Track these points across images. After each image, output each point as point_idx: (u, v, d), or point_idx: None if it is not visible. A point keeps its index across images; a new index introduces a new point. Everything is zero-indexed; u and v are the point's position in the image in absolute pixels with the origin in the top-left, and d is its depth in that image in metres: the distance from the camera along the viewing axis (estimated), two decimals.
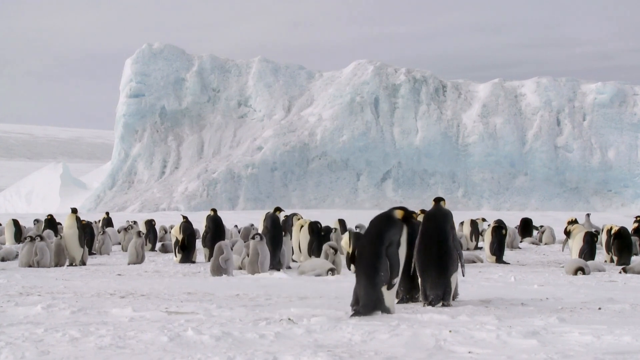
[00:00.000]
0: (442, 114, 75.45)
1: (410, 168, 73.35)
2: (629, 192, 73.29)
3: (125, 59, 78.19)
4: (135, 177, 73.53)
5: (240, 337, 7.54)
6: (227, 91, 77.97)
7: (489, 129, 74.41)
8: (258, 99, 77.81)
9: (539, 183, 73.23)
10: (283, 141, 72.26)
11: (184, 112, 76.40)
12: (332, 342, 7.34)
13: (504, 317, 8.77)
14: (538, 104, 75.92)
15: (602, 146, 74.58)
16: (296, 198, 70.07)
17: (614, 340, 7.29)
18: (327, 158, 72.51)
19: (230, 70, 79.15)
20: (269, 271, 15.33)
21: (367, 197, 71.68)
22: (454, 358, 6.68)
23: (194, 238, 19.31)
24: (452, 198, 69.79)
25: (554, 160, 73.98)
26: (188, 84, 77.06)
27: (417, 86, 76.54)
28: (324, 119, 74.06)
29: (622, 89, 76.63)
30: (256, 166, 70.47)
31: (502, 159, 73.82)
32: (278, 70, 79.30)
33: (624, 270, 15.42)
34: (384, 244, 8.98)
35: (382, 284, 8.96)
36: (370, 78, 76.30)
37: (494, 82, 78.14)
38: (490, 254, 19.48)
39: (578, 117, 75.66)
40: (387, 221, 9.13)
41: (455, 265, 10.00)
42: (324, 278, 14.34)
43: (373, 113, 74.69)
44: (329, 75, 79.89)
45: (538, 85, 77.19)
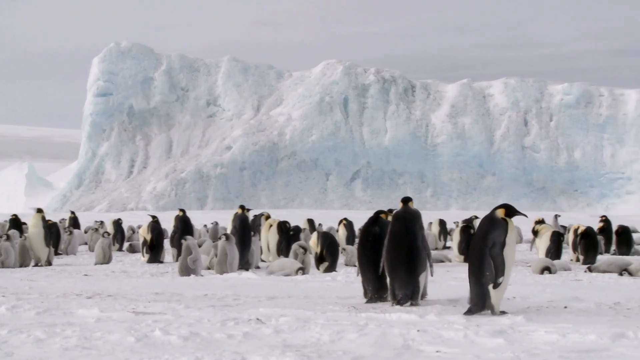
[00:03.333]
0: (411, 114, 75.76)
1: (380, 168, 73.56)
2: (594, 192, 74.12)
3: (93, 58, 77.54)
4: (103, 177, 72.95)
5: (208, 338, 7.50)
6: (196, 90, 77.64)
7: (457, 129, 74.86)
8: (227, 99, 77.57)
9: (506, 183, 73.80)
10: (252, 141, 72.10)
11: (152, 112, 75.93)
12: (300, 342, 7.33)
13: (472, 316, 8.82)
14: (506, 105, 76.53)
15: (569, 146, 75.35)
16: (265, 198, 69.96)
17: (579, 338, 7.36)
18: (296, 158, 72.49)
19: (199, 70, 78.82)
20: (238, 271, 15.27)
21: (336, 196, 71.76)
22: (422, 357, 6.71)
23: (162, 238, 19.19)
24: (421, 198, 70.11)
25: (522, 160, 74.60)
26: (156, 83, 76.61)
27: (386, 86, 76.78)
28: (293, 119, 74.03)
29: (588, 90, 77.48)
30: (225, 166, 70.25)
31: (471, 159, 74.30)
32: (247, 70, 79.13)
33: (590, 270, 15.58)
34: (488, 245, 9.21)
35: (488, 284, 9.18)
36: (340, 78, 76.39)
37: (463, 83, 78.62)
38: (458, 254, 19.58)
39: (545, 118, 76.38)
40: (491, 222, 9.37)
41: (423, 265, 10.04)
42: (293, 278, 14.33)
43: (342, 113, 74.79)
44: (298, 75, 79.87)
45: (506, 85, 77.80)
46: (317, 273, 15.54)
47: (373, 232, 10.51)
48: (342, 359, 6.63)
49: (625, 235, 22.51)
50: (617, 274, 15.00)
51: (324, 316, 8.85)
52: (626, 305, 9.99)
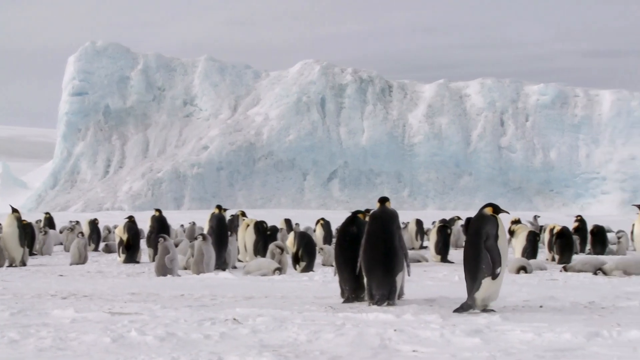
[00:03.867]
0: (388, 114, 75.94)
1: (357, 168, 73.67)
2: (570, 192, 74.68)
3: (68, 57, 77.04)
4: (78, 177, 72.47)
5: (184, 338, 7.47)
6: (173, 90, 77.35)
7: (434, 129, 75.14)
8: (204, 98, 77.36)
9: (483, 183, 74.17)
10: (229, 140, 71.95)
11: (129, 111, 75.56)
12: (277, 342, 7.32)
13: (448, 316, 8.84)
14: (482, 105, 76.93)
15: (544, 147, 75.87)
16: (242, 198, 69.83)
17: (555, 337, 7.41)
18: (273, 158, 72.42)
19: (175, 69, 78.53)
20: (215, 271, 15.23)
21: (314, 196, 71.77)
22: (399, 357, 6.72)
23: (139, 238, 19.10)
24: (398, 198, 70.30)
25: (498, 160, 75.01)
26: (133, 82, 76.24)
27: (363, 86, 76.91)
28: (270, 119, 73.96)
29: (563, 91, 78.05)
30: (202, 165, 70.04)
31: (447, 159, 74.60)
32: (224, 70, 78.95)
33: (565, 269, 15.68)
34: (482, 239, 9.42)
35: (484, 277, 9.36)
36: (317, 78, 76.42)
37: (439, 83, 78.93)
38: (435, 253, 19.65)
39: (521, 118, 76.86)
40: (481, 219, 9.60)
41: (400, 264, 10.05)
42: (270, 278, 14.31)
43: (319, 113, 74.82)
44: (276, 75, 79.81)
45: (482, 86, 78.21)
46: (295, 273, 15.53)
47: (350, 231, 10.51)
48: (319, 359, 6.63)
49: (600, 234, 22.69)
50: (592, 273, 15.11)
51: (301, 316, 8.84)
52: (601, 304, 10.07)
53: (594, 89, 79.17)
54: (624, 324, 8.17)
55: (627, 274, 14.81)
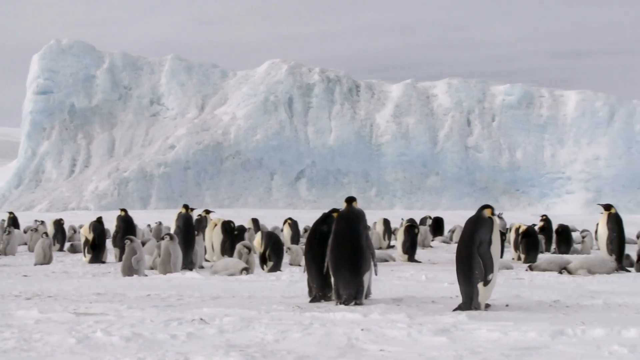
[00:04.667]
0: (356, 114, 76.10)
1: (324, 167, 73.72)
2: (535, 191, 75.38)
3: (32, 55, 76.18)
4: (43, 176, 71.70)
5: (151, 338, 7.41)
6: (139, 89, 76.84)
7: (401, 129, 75.43)
8: (171, 97, 76.94)
9: (450, 183, 74.61)
10: (196, 140, 71.63)
11: (94, 110, 74.92)
12: (244, 341, 7.30)
13: (415, 315, 8.88)
14: (449, 105, 77.38)
15: (511, 147, 76.50)
16: (209, 197, 69.56)
17: (520, 336, 7.47)
18: (240, 157, 72.23)
19: (142, 68, 78.01)
20: (181, 271, 15.15)
21: (281, 196, 71.71)
22: (366, 356, 6.73)
23: (104, 238, 18.95)
24: (366, 197, 70.48)
25: (465, 160, 75.49)
26: (98, 81, 75.60)
27: (330, 86, 76.99)
28: (237, 118, 73.76)
29: (529, 91, 78.76)
30: (169, 165, 69.66)
31: (415, 158, 74.93)
32: (191, 69, 78.60)
33: (530, 268, 15.83)
34: (475, 244, 9.48)
35: (477, 282, 9.44)
36: (284, 77, 76.36)
37: (407, 83, 79.25)
38: (402, 253, 19.72)
39: (487, 118, 77.43)
40: (477, 222, 9.65)
41: (367, 264, 10.07)
42: (237, 277, 14.27)
43: (287, 112, 74.77)
44: (243, 74, 79.62)
45: (449, 86, 78.66)
46: (262, 273, 15.51)
47: (321, 230, 10.50)
48: (286, 359, 6.62)
49: (565, 234, 22.94)
50: (557, 272, 15.26)
51: (268, 316, 8.82)
52: (565, 303, 10.17)
53: (559, 90, 80.00)
54: (588, 323, 8.26)
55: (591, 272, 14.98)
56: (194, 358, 6.56)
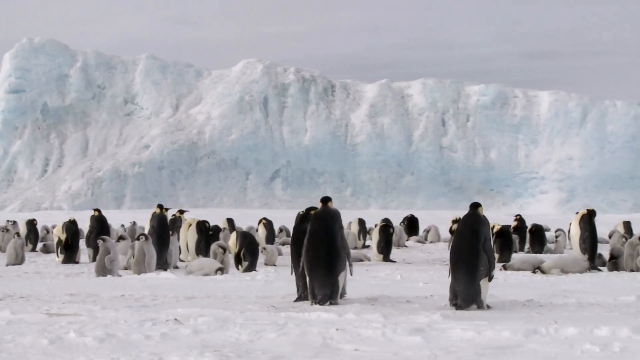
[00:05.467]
0: (331, 114, 76.17)
1: (299, 167, 73.72)
2: (509, 191, 75.86)
3: (4, 53, 75.53)
4: (15, 176, 71.05)
5: (125, 339, 7.36)
6: (113, 88, 76.40)
7: (376, 129, 75.61)
8: (145, 97, 76.58)
9: (424, 182, 74.90)
10: (171, 139, 71.35)
11: (68, 109, 74.38)
12: (219, 341, 7.27)
13: (390, 315, 8.89)
14: (424, 105, 77.68)
15: (485, 147, 76.94)
16: (184, 197, 69.31)
17: (494, 335, 7.50)
18: (215, 157, 72.05)
19: (116, 67, 77.58)
20: (156, 271, 15.07)
21: (256, 196, 71.61)
22: (341, 356, 6.73)
23: (78, 238, 18.80)
24: (341, 197, 70.57)
25: (439, 160, 75.83)
26: (72, 80, 75.08)
27: (306, 86, 77.01)
28: (212, 118, 73.57)
29: (503, 91, 79.25)
30: (143, 165, 69.32)
31: (390, 158, 75.15)
32: (166, 68, 78.28)
33: (504, 268, 15.91)
34: (480, 241, 9.58)
35: (482, 278, 9.54)
36: (260, 77, 76.27)
37: (382, 83, 79.45)
38: (377, 253, 19.74)
39: (462, 118, 77.83)
40: (477, 219, 9.73)
41: (343, 264, 10.08)
42: (212, 277, 14.22)
43: (262, 112, 74.69)
44: (218, 74, 79.43)
45: (424, 86, 78.97)
46: (237, 273, 15.46)
47: (304, 229, 10.50)
48: (261, 359, 6.61)
49: (539, 233, 23.07)
50: (530, 271, 15.36)
51: (243, 316, 8.80)
52: (539, 302, 10.24)
53: (533, 90, 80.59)
54: (561, 322, 8.32)
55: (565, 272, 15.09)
56: (168, 358, 6.53)
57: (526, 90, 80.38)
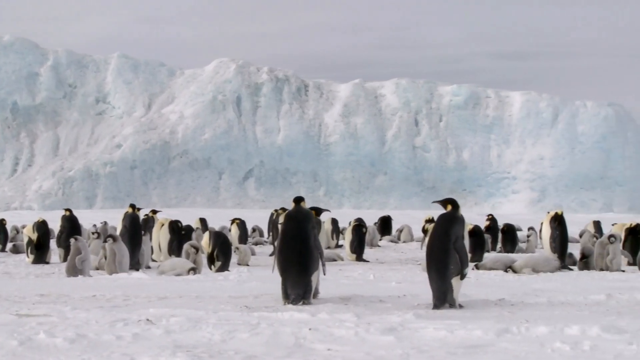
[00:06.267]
0: (304, 114, 76.17)
1: (273, 167, 73.64)
2: (482, 191, 76.31)
3: None
4: None
5: (96, 339, 7.31)
6: (85, 87, 75.84)
7: (349, 129, 75.71)
8: (117, 96, 76.09)
9: (398, 182, 75.13)
10: (143, 139, 70.95)
11: (38, 108, 73.72)
12: (191, 342, 7.24)
13: (363, 314, 8.90)
14: (397, 105, 77.91)
15: (457, 147, 77.33)
16: (157, 197, 68.97)
17: (466, 334, 7.54)
18: (188, 156, 71.76)
19: (87, 66, 77.01)
20: (128, 271, 14.98)
21: (229, 195, 71.43)
22: (314, 355, 6.73)
23: (48, 238, 18.64)
24: (314, 197, 70.60)
25: (413, 160, 76.10)
26: (42, 79, 74.42)
27: (279, 85, 76.94)
28: (185, 117, 73.27)
29: (475, 92, 79.70)
30: (115, 164, 68.88)
31: (363, 158, 75.29)
32: (138, 67, 77.83)
33: (477, 267, 16.00)
34: (451, 240, 9.62)
35: (452, 277, 9.58)
36: (233, 76, 76.09)
37: (355, 83, 79.57)
38: (350, 252, 19.77)
39: (435, 118, 78.16)
40: (450, 218, 9.77)
41: (316, 264, 10.08)
42: (185, 277, 14.16)
43: (235, 112, 74.51)
44: (191, 73, 79.12)
45: (397, 86, 79.20)
46: (210, 273, 15.41)
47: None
48: (233, 359, 6.58)
49: (511, 233, 23.24)
50: (502, 271, 15.45)
51: (215, 316, 8.77)
52: (510, 301, 10.31)
53: (505, 91, 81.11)
54: (532, 320, 8.38)
55: (536, 271, 15.21)
56: (139, 359, 6.49)
57: (498, 90, 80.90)
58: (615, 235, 16.48)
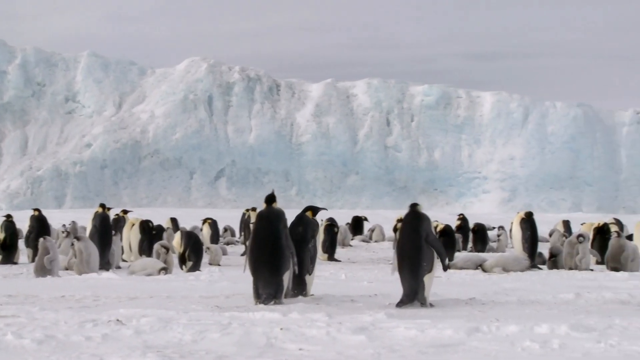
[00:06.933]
0: (276, 113, 76.08)
1: (244, 166, 73.47)
2: (453, 190, 76.70)
3: None
4: None
5: (65, 340, 7.24)
6: (54, 86, 75.15)
7: (321, 129, 75.74)
8: (87, 95, 75.49)
9: (369, 182, 75.28)
10: (114, 138, 70.46)
11: (6, 107, 72.92)
12: (162, 342, 7.19)
13: (334, 314, 8.90)
14: (369, 105, 78.07)
15: (429, 146, 77.65)
16: (127, 197, 68.53)
17: (437, 333, 7.57)
18: (159, 156, 71.38)
19: (57, 64, 76.32)
20: (98, 271, 14.87)
21: (201, 195, 71.16)
22: (285, 355, 6.71)
23: (17, 238, 18.46)
24: (286, 196, 70.53)
25: (384, 159, 76.29)
26: (10, 77, 73.63)
27: (251, 85, 76.78)
28: (156, 116, 72.87)
29: (447, 92, 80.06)
30: (85, 164, 68.33)
31: (335, 158, 75.35)
32: (108, 66, 77.27)
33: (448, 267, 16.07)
34: (422, 237, 9.77)
35: (425, 274, 9.70)
36: (204, 76, 75.80)
37: (327, 82, 79.62)
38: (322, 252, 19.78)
39: (406, 118, 78.42)
40: (417, 217, 9.95)
41: (287, 263, 10.08)
42: (156, 277, 14.09)
43: (207, 111, 74.24)
44: (162, 72, 78.71)
45: (369, 86, 79.36)
46: (181, 273, 15.34)
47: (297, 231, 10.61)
48: (204, 359, 6.55)
49: (481, 232, 23.39)
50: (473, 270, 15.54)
51: (186, 316, 8.72)
52: (481, 300, 10.37)
53: (476, 91, 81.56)
54: (503, 319, 8.43)
55: (506, 270, 15.32)
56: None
57: (469, 90, 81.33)
58: (584, 235, 16.64)
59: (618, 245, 16.33)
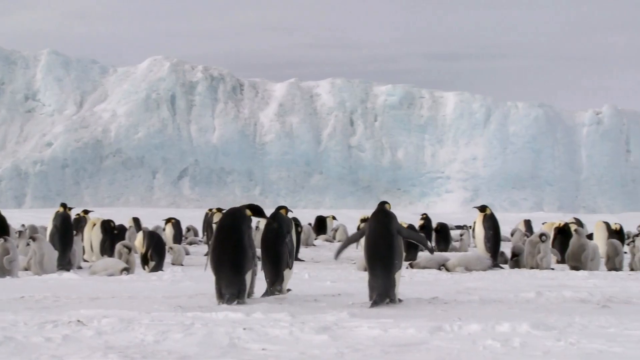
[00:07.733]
0: (240, 113, 75.89)
1: (208, 166, 73.18)
2: (416, 190, 77.12)
3: None
4: None
5: (24, 342, 7.14)
6: (13, 84, 74.19)
7: (285, 128, 75.71)
8: (47, 93, 74.64)
9: (333, 182, 75.41)
10: (75, 137, 69.76)
11: None
12: (123, 343, 7.13)
13: (298, 314, 8.89)
14: (332, 104, 78.19)
15: (392, 146, 77.99)
16: (89, 196, 67.88)
17: (400, 333, 7.59)
18: (121, 155, 70.82)
19: (16, 62, 75.36)
20: (58, 272, 14.71)
21: (164, 195, 70.72)
22: (248, 355, 6.70)
23: None
24: (250, 196, 70.40)
25: (348, 159, 76.47)
26: None
27: (214, 84, 76.49)
28: (118, 115, 72.30)
29: (410, 92, 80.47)
30: (45, 163, 67.55)
31: (298, 157, 75.36)
32: (69, 64, 76.47)
33: (411, 266, 16.15)
34: (394, 234, 9.81)
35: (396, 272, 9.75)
36: (167, 75, 75.36)
37: (290, 82, 79.60)
38: None
39: (370, 118, 78.68)
40: (385, 215, 9.98)
41: (250, 263, 10.08)
42: (117, 278, 13.97)
43: (169, 110, 73.82)
44: (124, 71, 78.09)
45: (333, 85, 79.49)
46: (143, 273, 15.23)
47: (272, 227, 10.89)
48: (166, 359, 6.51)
49: (444, 232, 23.54)
50: (436, 269, 15.63)
51: (148, 316, 8.66)
52: (444, 299, 10.43)
53: (439, 91, 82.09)
54: (465, 318, 8.49)
55: (468, 269, 15.43)
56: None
57: (432, 90, 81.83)
58: (546, 234, 16.82)
59: (579, 244, 16.54)
